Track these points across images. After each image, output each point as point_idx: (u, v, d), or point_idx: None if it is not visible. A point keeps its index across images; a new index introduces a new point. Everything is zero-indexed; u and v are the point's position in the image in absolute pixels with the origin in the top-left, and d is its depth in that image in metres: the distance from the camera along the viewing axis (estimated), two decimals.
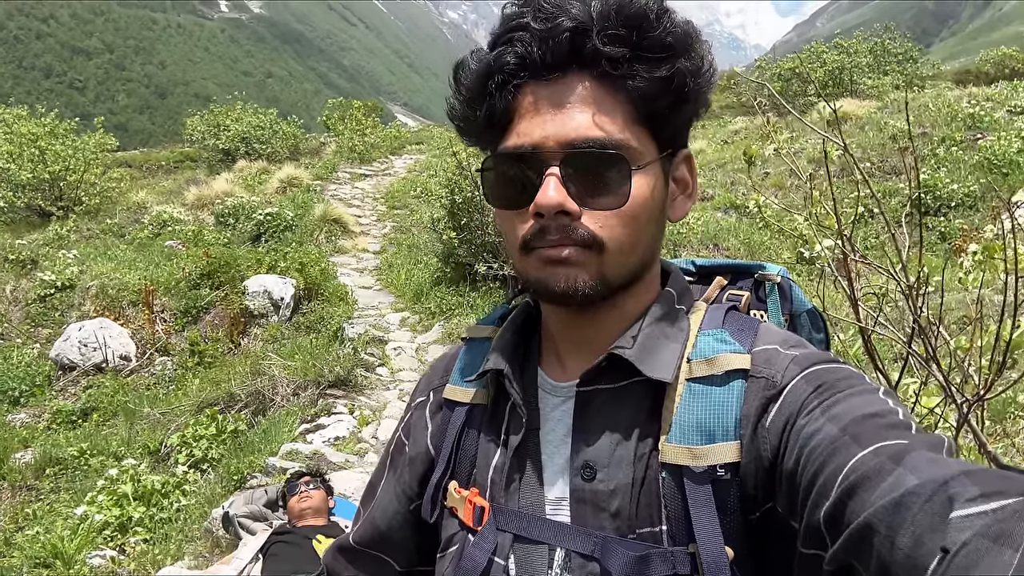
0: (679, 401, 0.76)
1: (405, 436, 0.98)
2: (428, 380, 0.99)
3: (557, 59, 0.74)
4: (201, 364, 8.07)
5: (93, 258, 10.63)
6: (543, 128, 0.74)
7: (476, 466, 0.86)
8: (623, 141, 0.75)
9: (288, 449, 5.47)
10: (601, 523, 0.76)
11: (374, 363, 7.18)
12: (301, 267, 9.06)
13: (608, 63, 0.73)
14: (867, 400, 0.67)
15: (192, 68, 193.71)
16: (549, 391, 0.85)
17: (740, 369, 0.76)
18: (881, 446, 0.60)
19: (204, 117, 19.49)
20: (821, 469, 0.62)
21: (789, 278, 0.93)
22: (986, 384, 2.14)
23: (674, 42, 0.74)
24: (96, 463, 6.35)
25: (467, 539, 0.83)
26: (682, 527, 0.73)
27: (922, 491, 0.53)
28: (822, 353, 0.76)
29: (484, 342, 0.93)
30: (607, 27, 0.73)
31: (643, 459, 0.76)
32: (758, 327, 0.81)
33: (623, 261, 0.78)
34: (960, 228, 9.35)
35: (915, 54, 21.12)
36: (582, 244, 0.75)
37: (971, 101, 13.87)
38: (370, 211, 13.63)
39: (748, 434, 0.73)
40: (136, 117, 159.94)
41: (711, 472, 0.72)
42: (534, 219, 0.75)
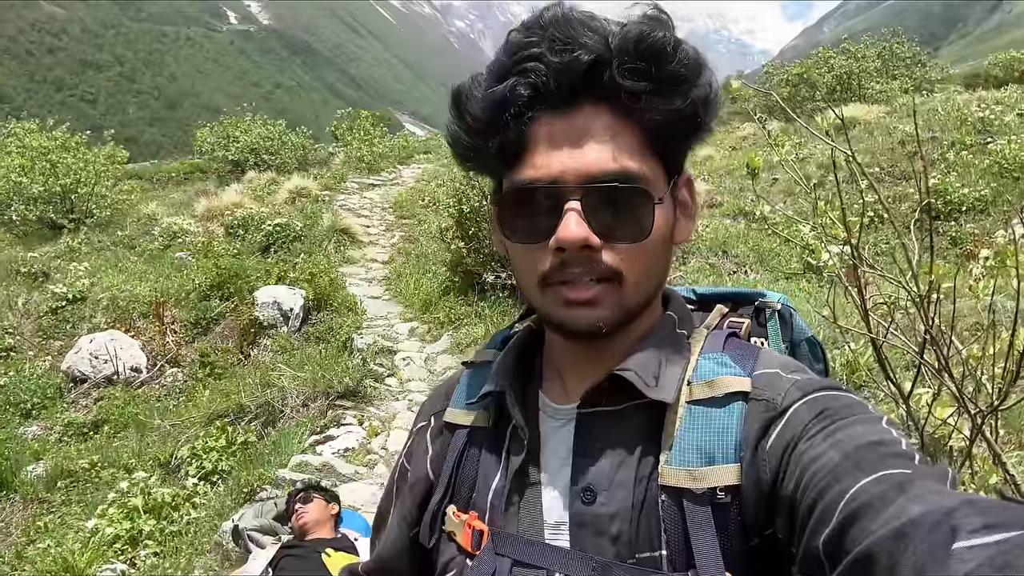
0: (679, 424, 0.76)
1: (407, 462, 0.97)
2: (430, 405, 0.99)
3: (572, 91, 0.74)
4: (211, 375, 8.09)
5: (104, 270, 10.70)
6: (561, 161, 0.74)
7: (476, 489, 0.86)
8: (640, 172, 0.75)
9: (298, 461, 5.47)
10: (601, 547, 0.75)
11: (383, 374, 7.18)
12: (310, 277, 9.08)
13: (627, 96, 0.73)
14: (871, 428, 0.66)
15: (201, 80, 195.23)
16: (550, 414, 0.85)
17: (740, 391, 0.76)
18: (885, 474, 0.59)
19: (214, 129, 19.62)
20: (822, 495, 0.62)
21: (790, 306, 0.93)
22: (1000, 394, 2.12)
23: (687, 73, 0.75)
24: (107, 475, 6.37)
25: (465, 564, 0.82)
26: (682, 552, 0.72)
27: (925, 521, 0.52)
28: (825, 380, 0.76)
29: (486, 366, 0.93)
30: (626, 61, 0.72)
31: (643, 482, 0.76)
32: (759, 353, 0.81)
33: (641, 291, 0.79)
34: (972, 233, 9.28)
35: (923, 58, 21.02)
36: (603, 278, 0.75)
37: (981, 105, 13.78)
38: (378, 221, 13.66)
39: (748, 457, 0.72)
40: (146, 129, 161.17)
41: (711, 495, 0.72)
42: (554, 254, 0.75)
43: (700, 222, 9.84)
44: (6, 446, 6.97)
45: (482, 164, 0.82)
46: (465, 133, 0.80)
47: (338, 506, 4.03)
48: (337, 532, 3.88)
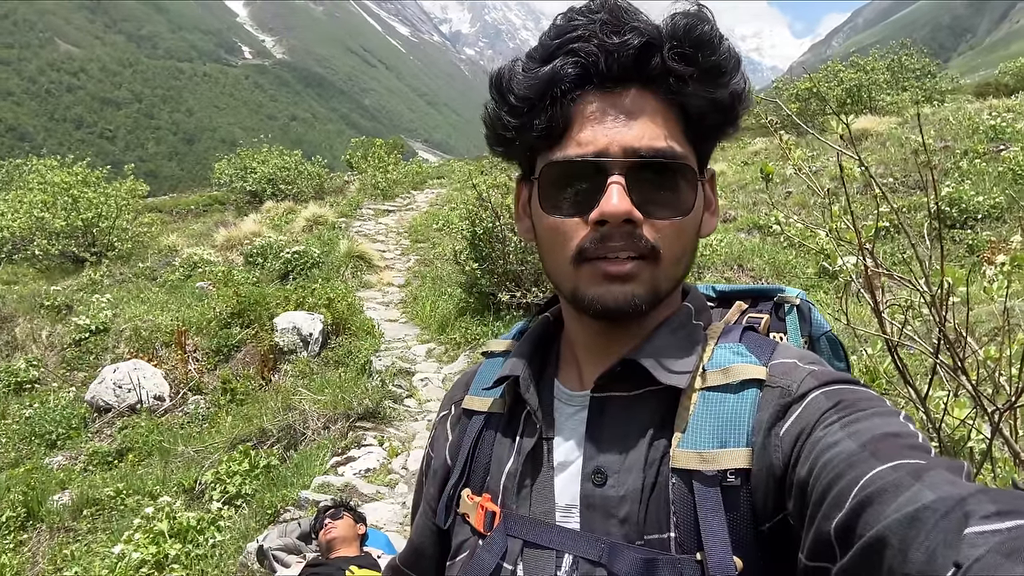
0: (693, 409, 0.77)
1: (431, 450, 1.00)
2: (450, 396, 1.02)
3: (622, 72, 0.76)
4: (233, 401, 8.16)
5: (126, 301, 10.84)
6: (607, 135, 0.76)
7: (489, 472, 0.88)
8: (683, 153, 0.78)
9: (320, 482, 5.50)
10: (609, 529, 0.77)
11: (402, 395, 7.22)
12: (328, 303, 9.16)
13: (674, 80, 0.76)
14: (888, 421, 0.67)
15: (218, 114, 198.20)
16: (564, 400, 0.86)
17: (755, 379, 0.77)
18: (901, 463, 0.60)
19: (231, 160, 19.90)
20: (836, 480, 0.62)
21: (808, 301, 0.94)
22: (1017, 392, 2.12)
23: (729, 66, 0.78)
24: (132, 502, 6.42)
25: (477, 544, 0.84)
26: (691, 535, 0.73)
27: (938, 507, 0.53)
28: (841, 373, 0.77)
29: (503, 356, 0.95)
30: (676, 45, 0.75)
31: (654, 465, 0.77)
32: (776, 345, 0.83)
33: (674, 272, 0.80)
34: (988, 240, 9.23)
35: (933, 69, 21.03)
36: (641, 254, 0.76)
37: (992, 113, 13.76)
38: (394, 246, 13.77)
39: (760, 441, 0.73)
40: (165, 163, 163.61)
41: (721, 477, 0.73)
42: (594, 227, 0.76)
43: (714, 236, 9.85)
44: (32, 476, 7.05)
45: (520, 145, 0.83)
46: (508, 113, 0.81)
47: (365, 527, 4.06)
48: (361, 551, 3.90)
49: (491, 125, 0.84)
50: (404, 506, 5.23)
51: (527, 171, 0.86)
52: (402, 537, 4.74)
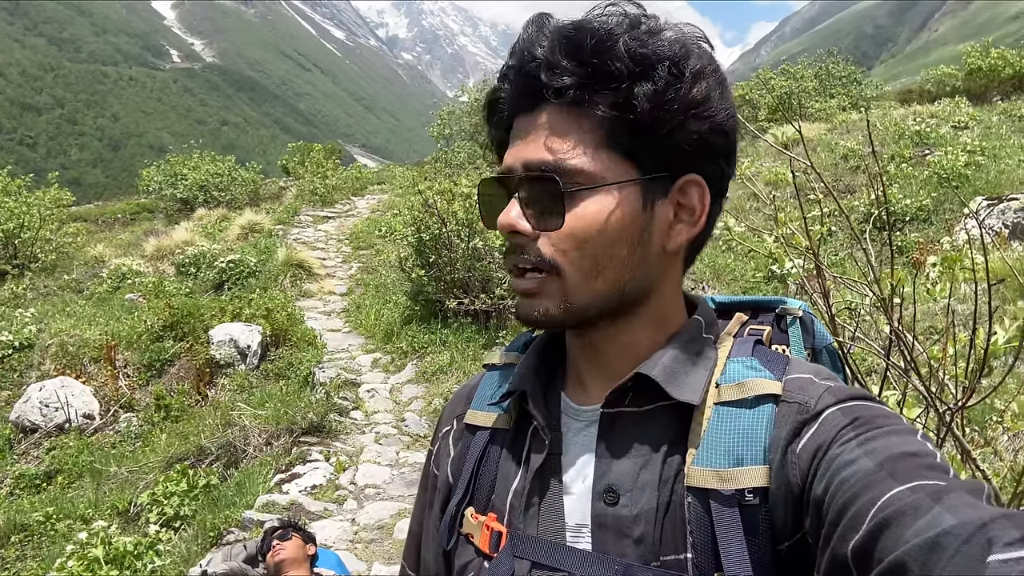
0: (707, 425, 0.75)
1: (436, 467, 0.96)
2: (451, 410, 0.98)
3: (531, 93, 0.77)
4: (168, 418, 7.86)
5: (51, 315, 10.36)
6: (514, 155, 0.78)
7: (495, 491, 0.85)
8: (574, 166, 0.75)
9: (264, 501, 5.32)
10: (623, 550, 0.74)
11: (348, 407, 7.06)
12: (267, 313, 8.92)
13: (562, 94, 0.75)
14: (905, 440, 0.65)
15: (145, 119, 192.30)
16: (572, 415, 0.84)
17: (770, 394, 0.75)
18: (919, 484, 0.58)
19: (160, 167, 19.27)
20: (853, 500, 0.61)
21: (811, 313, 0.92)
22: (964, 392, 2.17)
23: (625, 68, 0.73)
24: (63, 527, 6.11)
25: (482, 566, 0.81)
26: (708, 555, 0.71)
27: (960, 532, 0.51)
28: (858, 389, 0.76)
29: (507, 368, 0.92)
30: (555, 60, 0.74)
31: (668, 483, 0.75)
32: (789, 360, 0.80)
33: (587, 286, 0.77)
34: (916, 241, 9.59)
35: (858, 76, 21.81)
36: (538, 268, 0.77)
37: (916, 119, 14.34)
38: (335, 253, 13.54)
39: (777, 459, 0.71)
40: (90, 171, 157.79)
41: (739, 496, 0.71)
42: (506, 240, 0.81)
43: None
44: None
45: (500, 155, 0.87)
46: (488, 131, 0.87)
47: (315, 547, 3.92)
48: (312, 572, 3.77)
49: None
50: (354, 523, 5.09)
51: None
52: (353, 556, 4.62)
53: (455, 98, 27.89)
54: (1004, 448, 3.58)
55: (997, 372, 2.67)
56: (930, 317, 5.66)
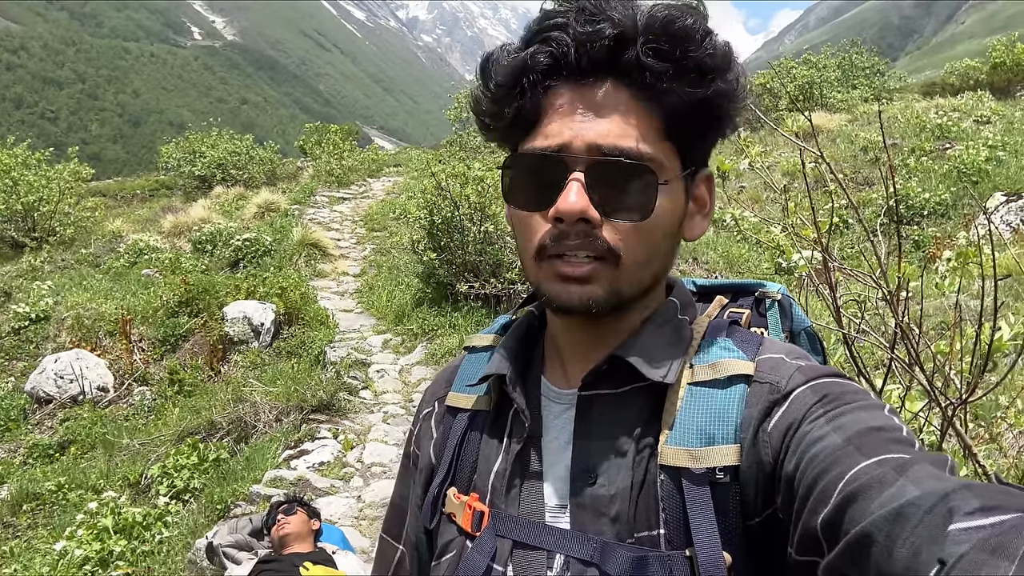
0: (680, 405, 0.76)
1: (417, 448, 0.97)
2: (433, 391, 0.99)
3: (594, 64, 0.73)
4: (181, 393, 7.95)
5: (68, 289, 10.48)
6: (572, 131, 0.73)
7: (476, 472, 0.86)
8: (651, 154, 0.74)
9: (272, 476, 5.39)
10: (600, 528, 0.75)
11: (357, 386, 7.12)
12: (281, 292, 8.98)
13: (649, 75, 0.72)
14: (873, 415, 0.67)
15: (166, 96, 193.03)
16: (552, 398, 0.85)
17: (743, 374, 0.76)
18: (885, 458, 0.60)
19: (179, 144, 19.36)
20: (822, 475, 0.62)
21: (789, 296, 0.93)
22: (968, 387, 2.16)
23: (713, 64, 0.74)
24: (75, 497, 6.21)
25: (465, 545, 0.82)
26: (680, 531, 0.72)
27: (923, 503, 0.53)
28: (828, 367, 0.77)
29: (486, 351, 0.93)
30: (651, 40, 0.72)
31: (642, 463, 0.76)
32: (762, 340, 0.82)
33: (637, 276, 0.77)
34: (933, 236, 9.50)
35: (882, 67, 21.53)
36: (599, 255, 0.74)
37: (938, 112, 14.15)
38: (349, 234, 13.58)
39: (749, 438, 0.72)
40: (110, 146, 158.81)
41: (710, 474, 0.72)
42: (553, 224, 0.74)
43: None
44: None
45: (500, 132, 0.81)
46: (487, 99, 0.80)
47: (319, 522, 3.98)
48: (316, 547, 3.83)
49: (473, 109, 0.84)
50: (359, 500, 5.15)
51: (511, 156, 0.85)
52: (358, 532, 4.68)
53: (472, 81, 27.80)
54: (1009, 445, 3.56)
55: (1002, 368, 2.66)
56: (942, 312, 5.62)
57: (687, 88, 0.73)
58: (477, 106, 0.82)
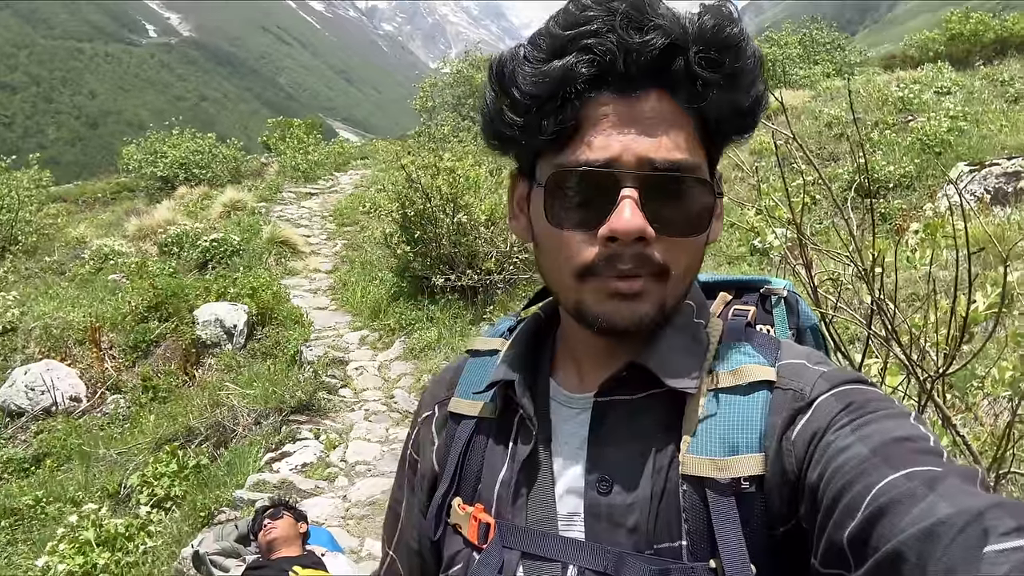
0: (701, 412, 0.75)
1: (416, 453, 0.94)
2: (433, 394, 0.96)
3: (642, 73, 0.70)
4: (155, 399, 7.83)
5: (34, 298, 10.26)
6: (622, 143, 0.70)
7: (481, 481, 0.84)
8: (700, 166, 0.73)
9: (255, 480, 5.34)
10: (617, 539, 0.73)
11: (336, 385, 7.07)
12: (252, 292, 8.86)
13: (700, 85, 0.71)
14: (899, 424, 0.65)
15: (123, 96, 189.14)
16: (563, 402, 0.83)
17: (765, 381, 0.74)
18: (914, 471, 0.58)
19: (140, 145, 18.99)
20: (848, 487, 0.61)
21: (795, 292, 0.92)
22: (945, 359, 2.20)
23: (754, 70, 0.73)
24: (53, 511, 6.11)
25: (471, 557, 0.80)
26: (703, 542, 0.71)
27: (956, 521, 0.51)
28: (851, 373, 0.76)
29: (491, 355, 0.90)
30: (703, 49, 0.70)
31: (662, 472, 0.74)
32: (780, 343, 0.80)
33: (683, 288, 0.76)
34: (900, 208, 9.63)
35: (842, 42, 21.74)
36: (652, 272, 0.72)
37: (900, 85, 14.32)
38: (319, 230, 13.44)
39: (773, 447, 0.71)
40: (68, 150, 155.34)
41: (735, 484, 0.71)
42: (603, 243, 0.71)
43: None
44: None
45: (523, 144, 0.76)
46: (511, 109, 0.74)
47: (306, 525, 3.95)
48: (304, 550, 3.80)
49: (490, 120, 0.77)
50: (345, 499, 5.13)
51: (526, 167, 0.80)
52: (345, 532, 4.65)
53: (437, 70, 27.57)
54: (985, 413, 3.64)
55: (978, 338, 2.71)
56: (912, 284, 5.70)
57: (730, 96, 0.72)
58: (497, 117, 0.76)
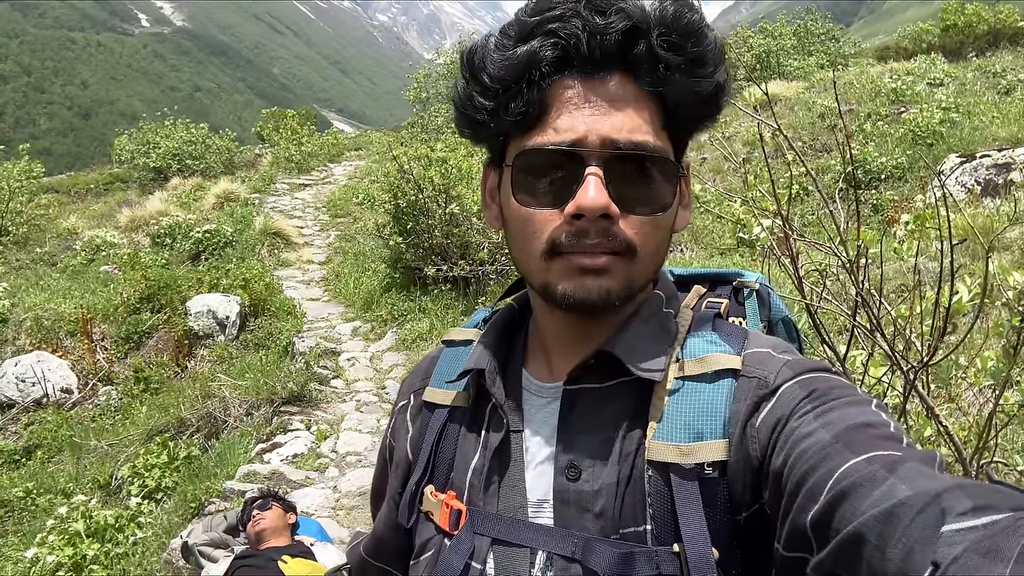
0: (667, 400, 0.76)
1: (393, 440, 0.97)
2: (409, 384, 0.98)
3: (605, 56, 0.72)
4: (147, 391, 7.83)
5: (25, 290, 10.23)
6: (586, 124, 0.72)
7: (454, 469, 0.85)
8: (662, 147, 0.75)
9: (245, 471, 5.34)
10: (585, 524, 0.75)
11: (328, 376, 7.07)
12: (245, 283, 8.85)
13: (661, 68, 0.72)
14: (861, 410, 0.67)
15: (116, 86, 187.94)
16: (534, 392, 0.84)
17: (730, 369, 0.76)
18: (874, 455, 0.59)
19: (133, 136, 18.92)
20: (810, 472, 0.62)
21: (767, 285, 0.93)
22: (929, 350, 2.21)
23: (714, 57, 0.75)
24: (44, 502, 6.11)
25: (443, 543, 0.82)
26: (668, 526, 0.72)
27: (914, 503, 0.52)
28: (815, 361, 0.77)
29: (466, 345, 0.92)
30: (664, 32, 0.72)
31: (629, 458, 0.75)
32: (748, 333, 0.82)
33: (649, 268, 0.78)
34: (891, 199, 9.65)
35: (837, 33, 21.71)
36: (617, 250, 0.74)
37: (893, 76, 14.31)
38: (312, 221, 13.42)
39: (737, 433, 0.72)
40: (60, 140, 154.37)
41: (698, 470, 0.72)
42: (569, 220, 0.73)
43: None
44: None
45: (493, 129, 0.78)
46: (481, 95, 0.76)
47: (295, 515, 3.96)
48: (293, 540, 3.81)
49: (461, 106, 0.80)
50: (336, 490, 5.13)
51: (496, 156, 0.82)
52: (335, 523, 4.66)
53: (431, 61, 27.47)
54: (968, 403, 3.65)
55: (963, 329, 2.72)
56: (901, 275, 5.72)
57: (691, 80, 0.74)
58: (467, 103, 0.78)
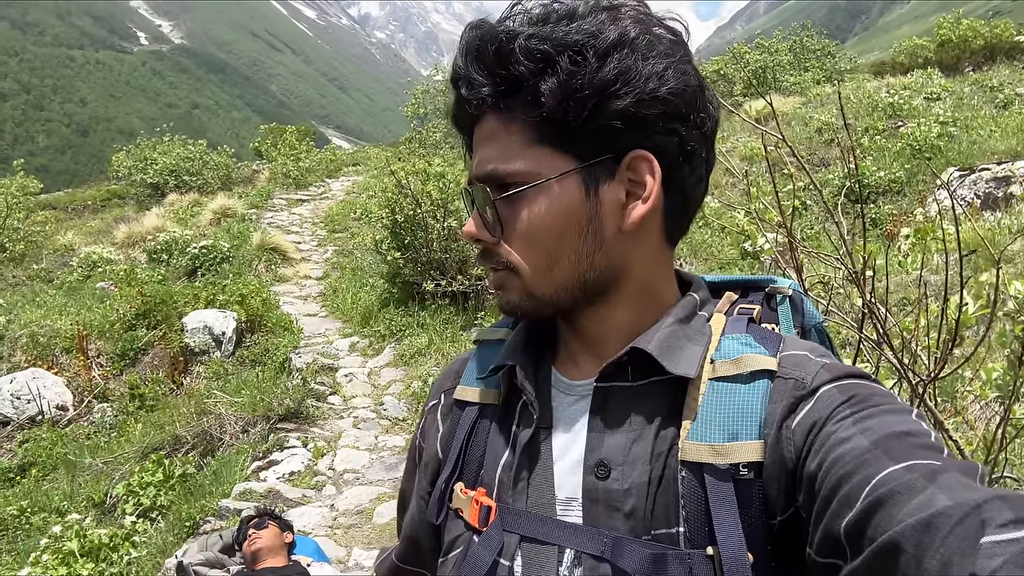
0: (701, 400, 0.75)
1: (422, 440, 0.97)
2: (440, 384, 0.99)
3: (471, 106, 0.78)
4: (143, 408, 7.76)
5: (21, 306, 10.16)
6: (472, 166, 0.81)
7: (483, 466, 0.85)
8: (505, 169, 0.77)
9: (241, 489, 5.27)
10: (614, 523, 0.74)
11: (325, 392, 7.01)
12: (241, 299, 8.80)
13: (484, 104, 0.77)
14: (901, 419, 0.65)
15: (114, 104, 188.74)
16: (563, 390, 0.84)
17: (766, 370, 0.75)
18: (914, 463, 0.58)
19: (130, 152, 18.93)
20: (847, 478, 0.61)
21: (801, 291, 0.91)
22: (937, 363, 2.17)
23: (526, 69, 0.73)
24: (38, 521, 6.02)
25: (472, 540, 0.82)
26: (701, 528, 0.71)
27: (953, 513, 0.51)
28: (854, 368, 0.75)
29: (497, 344, 0.92)
30: (469, 74, 0.77)
31: (661, 457, 0.74)
32: (784, 337, 0.81)
33: (544, 278, 0.79)
34: (890, 213, 9.65)
35: (832, 49, 21.83)
36: (500, 268, 0.81)
37: (890, 91, 14.38)
38: (310, 236, 13.40)
39: (772, 434, 0.71)
40: (58, 157, 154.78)
41: (733, 471, 0.71)
42: None
43: None
44: None
45: None
46: None
47: (292, 534, 3.90)
48: (290, 560, 3.74)
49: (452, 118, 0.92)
50: (333, 508, 5.06)
51: None
52: (332, 542, 4.59)
53: (429, 77, 27.57)
54: (975, 417, 3.61)
55: (969, 342, 2.68)
56: (903, 288, 5.69)
57: (518, 101, 0.75)
58: None
